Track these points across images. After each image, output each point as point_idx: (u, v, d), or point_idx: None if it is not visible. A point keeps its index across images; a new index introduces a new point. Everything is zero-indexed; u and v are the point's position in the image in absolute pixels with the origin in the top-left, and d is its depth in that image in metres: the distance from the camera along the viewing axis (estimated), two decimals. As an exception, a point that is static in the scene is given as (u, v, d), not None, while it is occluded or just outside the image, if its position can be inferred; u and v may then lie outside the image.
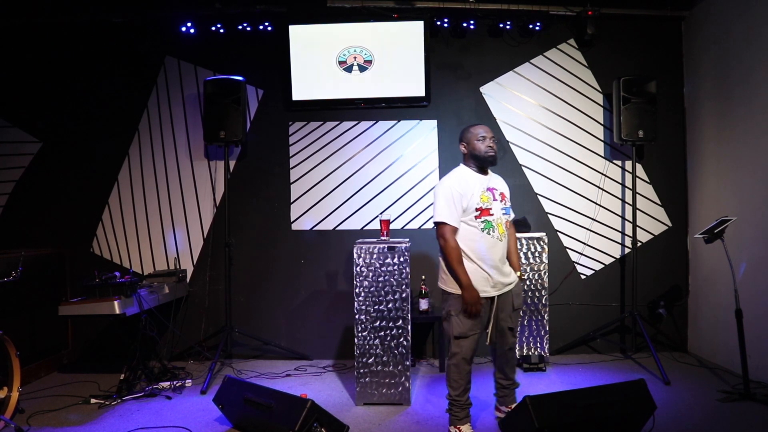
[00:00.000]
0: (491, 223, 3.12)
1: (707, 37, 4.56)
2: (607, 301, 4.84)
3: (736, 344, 3.67)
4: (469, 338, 3.10)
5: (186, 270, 4.85)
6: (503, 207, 3.21)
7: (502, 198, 3.22)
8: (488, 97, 4.89)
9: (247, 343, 4.78)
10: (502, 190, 3.27)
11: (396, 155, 4.89)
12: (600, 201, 4.87)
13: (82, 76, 4.94)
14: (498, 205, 3.18)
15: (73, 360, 4.74)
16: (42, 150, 4.96)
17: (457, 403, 3.16)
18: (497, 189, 3.23)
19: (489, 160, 3.17)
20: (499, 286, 3.16)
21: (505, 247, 3.22)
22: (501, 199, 3.22)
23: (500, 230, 3.16)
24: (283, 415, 2.95)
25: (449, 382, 3.17)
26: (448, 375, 3.19)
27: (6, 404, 3.30)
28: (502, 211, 3.19)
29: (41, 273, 4.45)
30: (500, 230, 3.16)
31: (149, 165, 4.95)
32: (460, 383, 3.14)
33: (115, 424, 3.39)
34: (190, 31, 4.79)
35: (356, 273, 3.70)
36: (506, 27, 4.77)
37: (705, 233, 3.77)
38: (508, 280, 3.21)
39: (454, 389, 3.15)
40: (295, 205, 4.92)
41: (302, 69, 4.79)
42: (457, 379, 3.14)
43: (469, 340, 3.10)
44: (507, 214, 3.25)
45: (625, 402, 2.95)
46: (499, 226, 3.16)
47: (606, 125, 4.88)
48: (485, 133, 3.17)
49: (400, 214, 4.87)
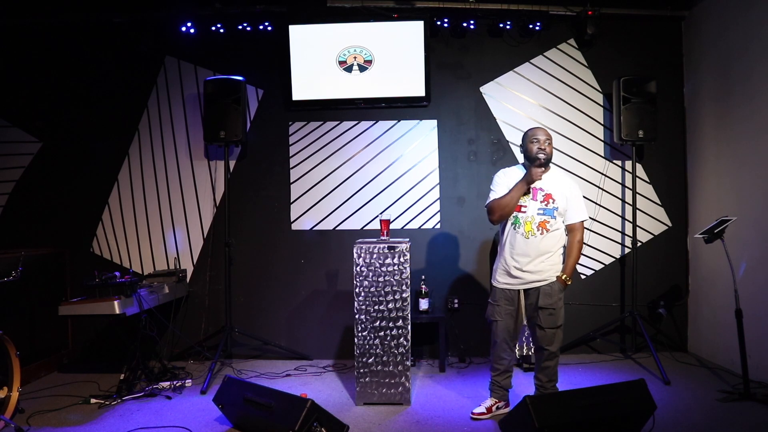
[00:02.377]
0: (519, 219, 3.31)
1: (707, 36, 4.56)
2: (607, 301, 4.84)
3: (736, 344, 3.67)
4: (497, 323, 3.41)
5: (186, 270, 4.85)
6: (541, 207, 3.28)
7: (545, 198, 3.29)
8: (488, 97, 4.89)
9: (247, 343, 4.78)
10: (549, 191, 3.31)
11: (396, 155, 4.89)
12: (600, 201, 4.87)
13: (82, 76, 4.94)
14: (534, 204, 3.30)
15: (73, 360, 4.74)
16: (42, 150, 4.96)
17: (494, 381, 3.49)
18: (543, 189, 3.32)
19: (536, 162, 3.28)
20: (520, 281, 3.33)
21: (536, 246, 3.29)
22: (544, 199, 3.29)
23: (527, 227, 3.29)
24: (283, 414, 2.95)
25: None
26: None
27: (6, 404, 3.30)
28: (538, 211, 3.28)
29: (41, 273, 4.45)
30: (527, 227, 3.29)
31: (149, 165, 4.95)
32: (493, 364, 3.47)
33: (115, 424, 3.39)
34: (190, 31, 4.79)
35: (356, 273, 3.71)
36: (506, 27, 4.77)
37: (705, 233, 3.77)
38: (533, 278, 3.30)
39: (492, 368, 3.51)
40: (295, 205, 4.92)
41: (302, 69, 4.79)
42: (492, 359, 3.48)
43: (496, 325, 3.41)
44: (546, 214, 3.28)
45: (625, 402, 2.95)
46: (527, 224, 3.29)
47: (606, 125, 4.88)
48: (539, 136, 3.33)
49: (400, 214, 4.87)
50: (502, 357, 3.43)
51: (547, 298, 3.28)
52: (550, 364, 3.35)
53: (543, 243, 3.29)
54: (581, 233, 3.38)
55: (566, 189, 3.34)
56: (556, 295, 3.30)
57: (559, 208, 3.30)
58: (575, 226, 3.35)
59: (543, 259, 3.29)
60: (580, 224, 3.36)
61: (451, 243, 4.86)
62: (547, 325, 3.29)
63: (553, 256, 3.32)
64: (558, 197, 3.30)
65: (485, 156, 4.89)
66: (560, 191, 3.32)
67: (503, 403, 3.48)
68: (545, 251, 3.29)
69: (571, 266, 3.35)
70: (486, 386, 3.59)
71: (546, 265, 3.30)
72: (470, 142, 4.88)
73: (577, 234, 3.36)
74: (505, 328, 3.39)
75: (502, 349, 3.42)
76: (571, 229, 3.37)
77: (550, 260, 3.31)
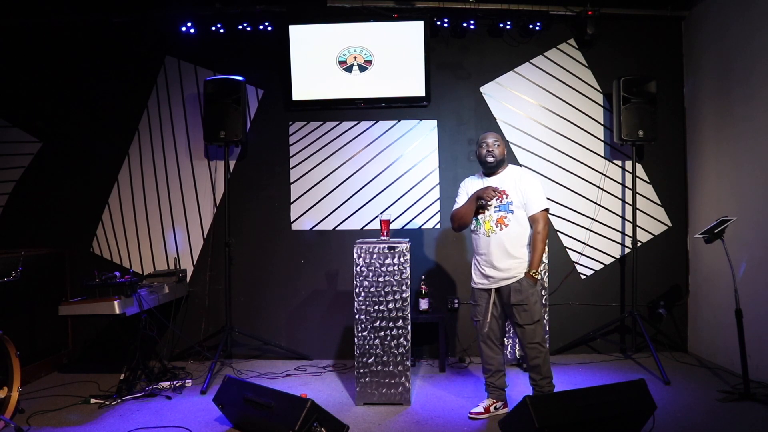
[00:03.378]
0: (480, 220, 3.43)
1: (707, 36, 4.56)
2: (607, 301, 4.84)
3: (736, 344, 3.67)
4: (478, 323, 3.49)
5: (186, 270, 4.85)
6: (497, 205, 3.37)
7: (499, 196, 3.37)
8: (488, 97, 4.89)
9: (247, 343, 4.78)
10: (504, 188, 3.39)
11: (396, 155, 4.89)
12: (600, 201, 4.87)
13: (82, 76, 4.94)
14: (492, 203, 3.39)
15: (73, 360, 4.74)
16: (42, 150, 4.96)
17: (488, 382, 3.55)
18: (498, 188, 3.39)
19: (486, 165, 3.45)
20: (492, 280, 3.40)
21: (498, 243, 3.36)
22: (499, 197, 3.37)
23: (486, 226, 3.40)
24: (283, 414, 2.95)
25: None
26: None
27: (6, 404, 3.30)
28: (495, 209, 3.39)
29: (41, 273, 4.45)
30: (486, 226, 3.40)
31: (149, 165, 4.95)
32: (483, 365, 3.54)
33: (115, 424, 3.39)
34: (190, 31, 4.79)
35: (356, 273, 3.71)
36: (506, 27, 4.77)
37: (705, 233, 3.77)
38: (503, 275, 3.37)
39: (483, 369, 3.58)
40: (295, 205, 4.92)
41: (302, 69, 4.79)
42: (482, 360, 3.55)
43: (479, 325, 3.48)
44: (501, 210, 3.36)
45: (625, 402, 2.95)
46: (486, 223, 3.40)
47: (606, 125, 4.88)
48: (487, 140, 3.45)
49: (400, 214, 4.87)
50: (490, 356, 3.48)
51: (517, 295, 3.32)
52: (538, 361, 3.34)
53: (504, 237, 3.34)
54: (543, 223, 3.35)
55: (520, 183, 3.39)
56: (527, 290, 3.32)
57: (513, 202, 3.36)
58: (535, 216, 3.36)
59: (509, 256, 3.34)
60: (540, 214, 3.35)
61: (451, 243, 4.86)
62: (523, 322, 3.32)
63: (517, 252, 3.35)
64: (511, 192, 3.37)
65: (485, 156, 4.89)
66: (513, 186, 3.39)
67: (501, 403, 3.50)
68: (509, 246, 3.34)
69: (536, 259, 3.33)
70: (477, 385, 3.59)
71: (513, 263, 3.35)
72: (470, 142, 4.88)
73: (538, 225, 3.35)
74: (485, 330, 3.44)
75: (489, 348, 3.47)
76: (532, 221, 3.37)
77: (517, 256, 3.35)
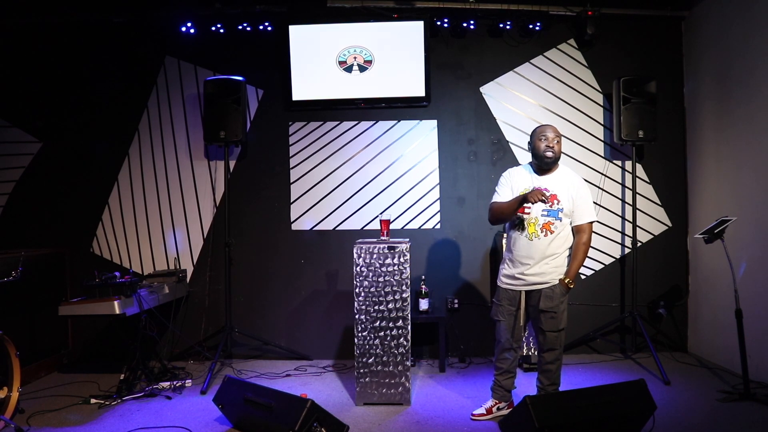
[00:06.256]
0: (523, 220, 3.27)
1: (707, 37, 4.56)
2: (607, 301, 4.84)
3: (736, 344, 3.67)
4: (499, 323, 3.40)
5: (186, 270, 4.85)
6: (546, 209, 3.22)
7: (550, 199, 3.20)
8: (488, 97, 4.89)
9: (247, 343, 4.78)
10: (554, 192, 3.24)
11: (396, 155, 4.89)
12: (600, 201, 4.87)
13: (82, 76, 4.94)
14: (539, 206, 3.21)
15: (73, 360, 4.74)
16: (42, 150, 4.96)
17: (496, 380, 3.47)
18: (549, 190, 3.23)
19: (544, 160, 3.27)
20: (523, 282, 3.29)
21: (539, 248, 3.22)
22: (549, 200, 3.19)
23: (530, 229, 3.24)
24: (283, 415, 2.95)
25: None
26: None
27: (6, 404, 3.30)
28: (542, 212, 3.23)
29: (41, 273, 4.45)
30: (530, 229, 3.24)
31: (149, 165, 4.95)
32: (496, 363, 3.47)
33: (115, 424, 3.39)
34: (190, 31, 4.79)
35: (356, 273, 3.71)
36: (506, 27, 4.77)
37: (705, 233, 3.77)
38: (535, 280, 3.25)
39: (495, 367, 3.49)
40: (295, 205, 4.92)
41: (302, 69, 4.79)
42: (495, 358, 3.48)
43: (499, 325, 3.41)
44: (550, 216, 3.22)
45: (625, 402, 2.95)
46: (531, 225, 3.24)
47: (606, 125, 4.88)
48: (548, 133, 3.30)
49: (400, 214, 4.87)
50: (505, 357, 3.41)
51: (548, 301, 3.22)
52: (552, 367, 3.31)
53: (547, 245, 3.22)
54: (588, 235, 3.26)
55: (573, 189, 3.25)
56: (558, 298, 3.22)
57: (564, 209, 3.22)
58: (582, 227, 3.26)
59: (547, 261, 3.24)
60: (587, 225, 3.26)
61: (451, 243, 4.86)
62: (548, 329, 3.25)
63: (557, 259, 3.25)
64: (563, 198, 3.22)
65: (485, 156, 4.89)
66: (566, 192, 3.24)
67: (504, 405, 3.45)
68: (549, 254, 3.23)
69: (574, 269, 3.24)
70: (486, 386, 3.58)
71: (549, 268, 3.23)
72: (470, 142, 4.89)
73: (583, 235, 3.25)
74: (507, 328, 3.36)
75: (505, 349, 3.40)
76: (577, 231, 3.28)
77: (554, 262, 3.25)
